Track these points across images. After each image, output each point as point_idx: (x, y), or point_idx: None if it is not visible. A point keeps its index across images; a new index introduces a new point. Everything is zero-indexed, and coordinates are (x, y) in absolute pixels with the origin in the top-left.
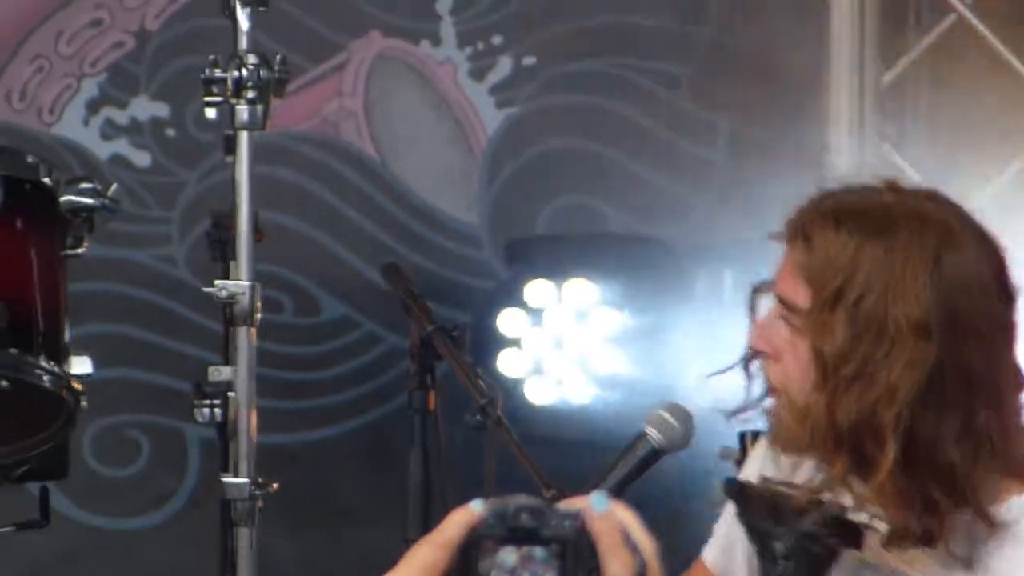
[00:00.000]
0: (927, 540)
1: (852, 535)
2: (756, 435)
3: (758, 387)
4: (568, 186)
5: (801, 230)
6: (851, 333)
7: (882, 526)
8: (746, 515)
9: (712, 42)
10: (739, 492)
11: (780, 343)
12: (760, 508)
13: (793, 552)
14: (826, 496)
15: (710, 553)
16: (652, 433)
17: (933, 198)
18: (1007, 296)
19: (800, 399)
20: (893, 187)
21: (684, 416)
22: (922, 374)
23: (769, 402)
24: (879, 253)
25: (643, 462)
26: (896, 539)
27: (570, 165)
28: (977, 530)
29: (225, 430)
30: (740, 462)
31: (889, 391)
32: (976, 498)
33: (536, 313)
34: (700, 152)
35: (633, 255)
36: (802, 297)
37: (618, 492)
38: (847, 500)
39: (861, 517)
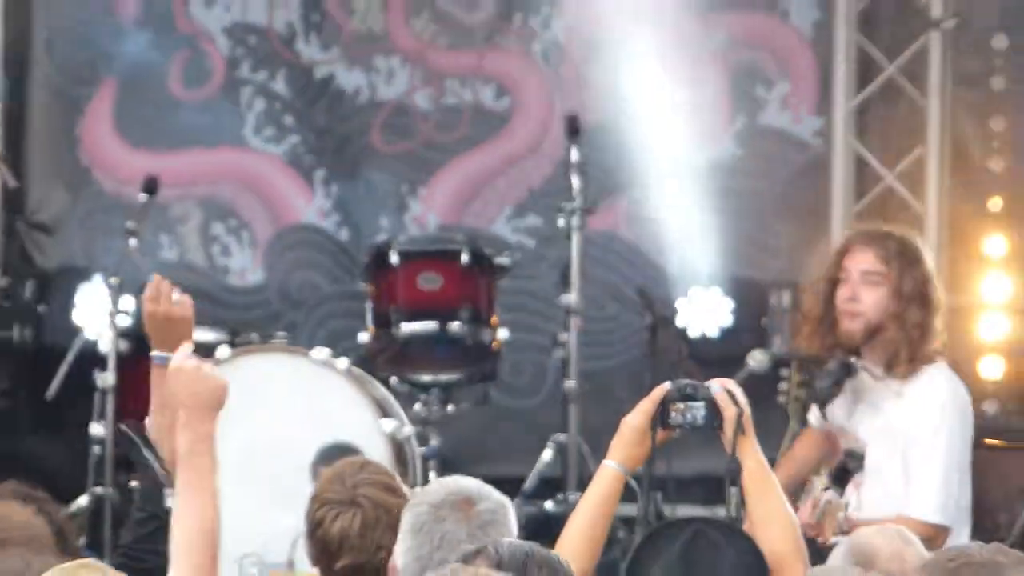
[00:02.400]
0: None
1: (848, 368)
2: None
3: None
4: None
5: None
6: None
7: (871, 369)
8: (797, 361)
9: None
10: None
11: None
12: (803, 359)
13: (824, 375)
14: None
15: (813, 417)
16: (751, 362)
17: None
18: None
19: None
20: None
21: (768, 355)
22: None
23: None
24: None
25: (744, 378)
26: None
27: None
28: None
29: (566, 365)
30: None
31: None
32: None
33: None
34: None
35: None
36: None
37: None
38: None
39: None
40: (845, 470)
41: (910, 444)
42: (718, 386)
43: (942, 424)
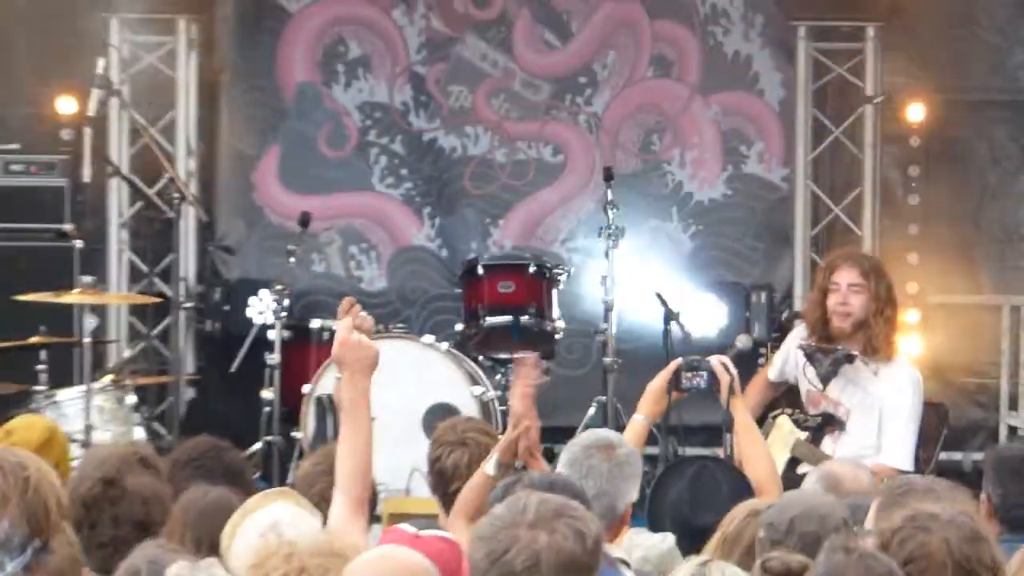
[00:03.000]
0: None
1: (850, 358)
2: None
3: None
4: None
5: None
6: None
7: (863, 358)
8: (809, 351)
9: None
10: (808, 345)
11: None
12: (815, 349)
13: (830, 362)
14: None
15: (772, 372)
16: (738, 344)
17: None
18: None
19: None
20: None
21: (750, 338)
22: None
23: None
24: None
25: (733, 355)
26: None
27: None
28: (885, 364)
29: (605, 346)
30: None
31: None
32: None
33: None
34: None
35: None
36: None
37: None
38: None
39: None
40: (822, 426)
41: (885, 412)
42: (716, 360)
43: (910, 400)
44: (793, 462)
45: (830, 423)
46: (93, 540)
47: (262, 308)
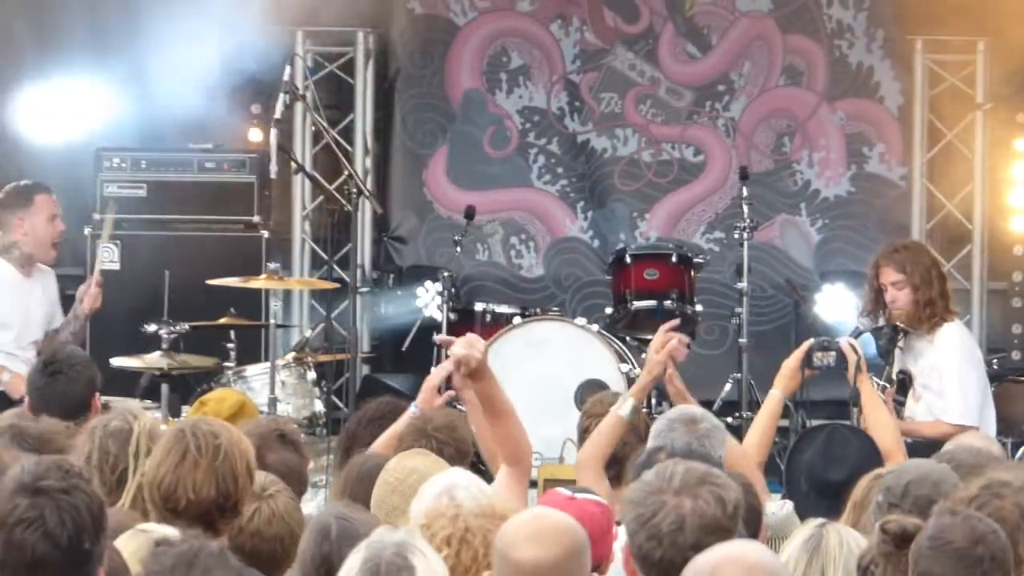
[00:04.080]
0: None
1: (895, 329)
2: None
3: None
4: None
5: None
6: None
7: (910, 329)
8: (867, 331)
9: None
10: (857, 331)
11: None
12: (866, 331)
13: (882, 337)
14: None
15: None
16: (859, 326)
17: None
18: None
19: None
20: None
21: (870, 322)
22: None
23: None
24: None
25: (856, 333)
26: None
27: None
28: (934, 332)
29: (740, 328)
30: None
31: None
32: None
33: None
34: None
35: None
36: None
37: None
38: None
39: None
40: (904, 383)
41: (937, 374)
42: (844, 341)
43: (957, 358)
44: None
45: (906, 379)
46: None
47: (427, 300)
